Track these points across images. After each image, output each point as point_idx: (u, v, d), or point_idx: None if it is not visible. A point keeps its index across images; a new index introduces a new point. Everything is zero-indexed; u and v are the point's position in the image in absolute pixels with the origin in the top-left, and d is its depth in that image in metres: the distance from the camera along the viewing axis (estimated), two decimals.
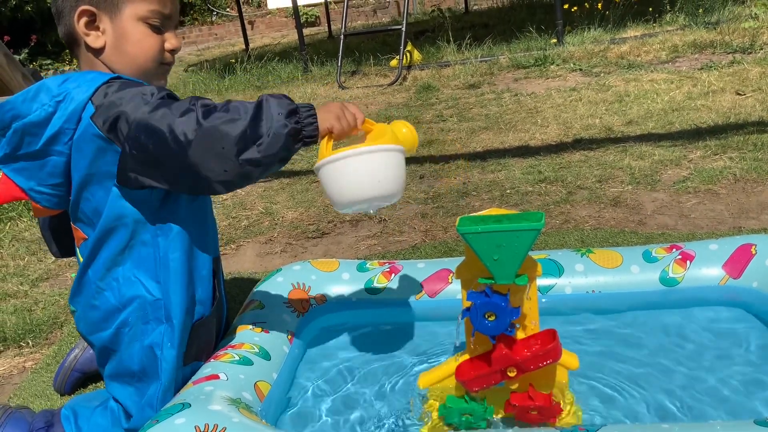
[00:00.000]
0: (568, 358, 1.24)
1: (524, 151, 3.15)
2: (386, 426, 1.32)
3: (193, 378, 1.32)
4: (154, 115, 1.18)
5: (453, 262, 1.73)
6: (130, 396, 1.37)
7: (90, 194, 1.30)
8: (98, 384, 1.68)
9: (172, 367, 1.33)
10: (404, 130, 1.33)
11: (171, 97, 1.25)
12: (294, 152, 1.21)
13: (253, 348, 1.43)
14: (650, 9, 5.96)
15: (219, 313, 1.49)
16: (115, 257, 1.32)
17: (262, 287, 1.71)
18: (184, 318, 1.33)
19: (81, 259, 1.37)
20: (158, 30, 1.34)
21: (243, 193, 3.14)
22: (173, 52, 1.38)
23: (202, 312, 1.39)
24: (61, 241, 1.53)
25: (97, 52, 1.32)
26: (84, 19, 1.29)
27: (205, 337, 1.42)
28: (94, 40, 1.31)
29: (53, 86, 1.25)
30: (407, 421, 1.32)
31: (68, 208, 1.36)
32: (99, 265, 1.33)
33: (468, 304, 1.19)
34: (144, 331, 1.33)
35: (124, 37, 1.31)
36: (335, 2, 11.19)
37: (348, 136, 1.27)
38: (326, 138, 1.23)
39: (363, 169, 1.21)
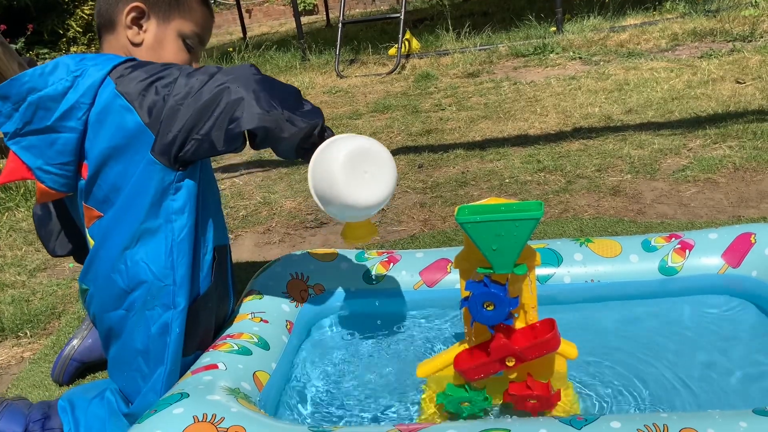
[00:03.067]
0: (567, 348, 1.24)
1: (523, 140, 3.14)
2: (385, 415, 1.32)
3: (192, 368, 1.31)
4: (200, 71, 1.26)
5: (452, 252, 1.72)
6: (131, 381, 1.36)
7: (110, 169, 1.28)
8: (97, 374, 1.68)
9: (176, 352, 1.32)
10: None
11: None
12: (304, 148, 1.31)
13: (252, 338, 1.43)
14: None
15: (223, 306, 1.48)
16: (127, 240, 1.31)
17: (261, 277, 1.70)
18: (189, 300, 1.33)
19: (92, 241, 1.35)
20: (190, 50, 1.42)
21: (241, 182, 3.14)
22: None
23: (198, 291, 1.37)
24: (62, 237, 1.53)
25: (132, 45, 1.37)
26: (133, 14, 1.35)
27: (205, 325, 1.41)
28: (134, 35, 1.37)
29: (71, 62, 1.28)
30: (406, 410, 1.32)
31: (77, 189, 1.34)
32: (111, 246, 1.32)
33: (467, 293, 1.19)
34: (149, 317, 1.32)
35: (162, 45, 1.39)
36: None
37: None
38: None
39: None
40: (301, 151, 1.32)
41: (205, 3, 1.44)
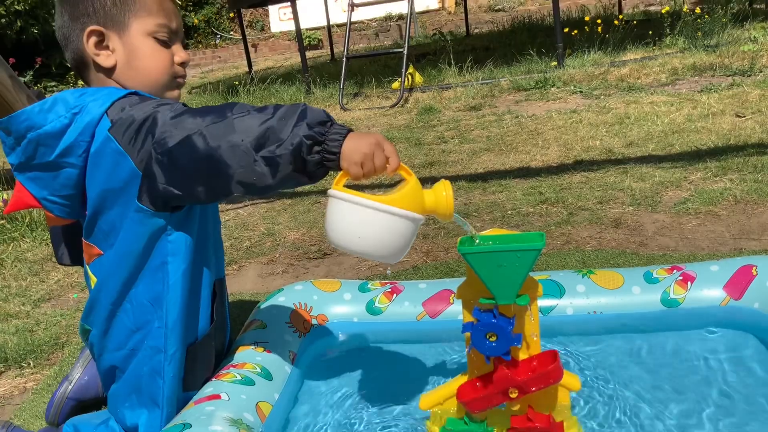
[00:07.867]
0: (570, 379, 1.24)
1: (525, 173, 3.17)
2: None
3: (194, 398, 1.31)
4: (180, 117, 1.18)
5: (454, 283, 1.73)
6: (133, 418, 1.36)
7: (108, 210, 1.27)
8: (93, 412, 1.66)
9: (173, 393, 1.32)
10: (444, 193, 1.23)
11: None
12: (310, 167, 1.14)
13: (255, 368, 1.43)
14: (650, 32, 6.01)
15: (221, 337, 1.48)
16: (129, 279, 1.30)
17: (264, 307, 1.71)
18: (182, 343, 1.32)
19: (93, 278, 1.34)
20: (166, 44, 1.35)
21: (245, 214, 3.15)
22: (183, 65, 1.39)
23: (198, 334, 1.37)
24: (73, 248, 1.51)
25: (109, 71, 1.33)
26: (93, 39, 1.30)
27: (205, 360, 1.41)
28: (105, 59, 1.31)
29: (70, 98, 1.24)
30: None
31: (82, 221, 1.34)
32: (113, 285, 1.31)
33: (470, 318, 1.19)
34: (150, 356, 1.32)
35: (135, 54, 1.32)
36: (338, 26, 11.29)
37: (367, 178, 1.17)
38: (343, 172, 1.16)
39: (361, 221, 1.13)
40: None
41: None
